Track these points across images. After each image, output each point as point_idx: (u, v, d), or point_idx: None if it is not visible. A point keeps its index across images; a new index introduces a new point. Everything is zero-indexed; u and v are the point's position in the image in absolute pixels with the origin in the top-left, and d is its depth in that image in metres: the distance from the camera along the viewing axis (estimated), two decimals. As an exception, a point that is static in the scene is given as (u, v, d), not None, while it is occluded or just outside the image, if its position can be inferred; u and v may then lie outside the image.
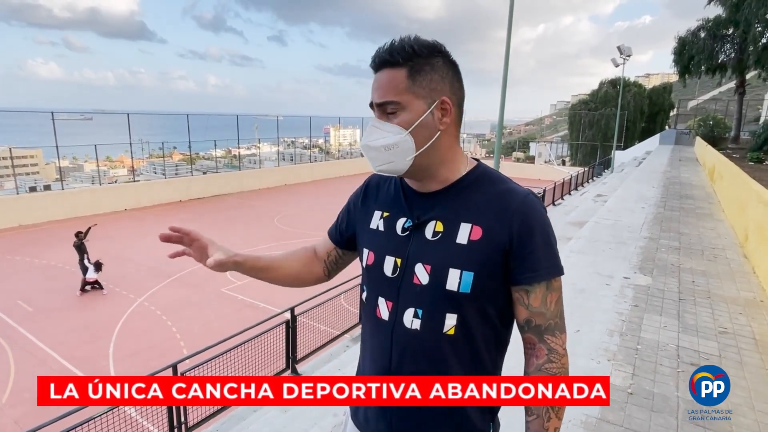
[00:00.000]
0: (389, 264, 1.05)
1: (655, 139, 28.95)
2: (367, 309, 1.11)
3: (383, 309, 1.05)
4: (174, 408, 4.67)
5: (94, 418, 3.95)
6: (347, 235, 1.22)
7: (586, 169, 25.99)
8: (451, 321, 0.98)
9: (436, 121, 0.98)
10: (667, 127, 35.84)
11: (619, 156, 27.97)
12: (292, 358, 5.99)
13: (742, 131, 23.48)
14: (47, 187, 20.74)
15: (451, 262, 0.97)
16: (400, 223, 1.06)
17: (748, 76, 22.92)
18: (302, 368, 6.11)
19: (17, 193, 18.80)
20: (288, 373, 5.98)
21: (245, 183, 26.50)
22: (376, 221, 1.11)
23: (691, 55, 21.77)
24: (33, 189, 20.30)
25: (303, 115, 36.20)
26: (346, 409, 1.26)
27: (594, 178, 25.27)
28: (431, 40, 0.99)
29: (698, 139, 21.35)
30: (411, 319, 1.01)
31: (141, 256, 13.85)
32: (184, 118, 24.42)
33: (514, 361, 1.18)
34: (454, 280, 0.96)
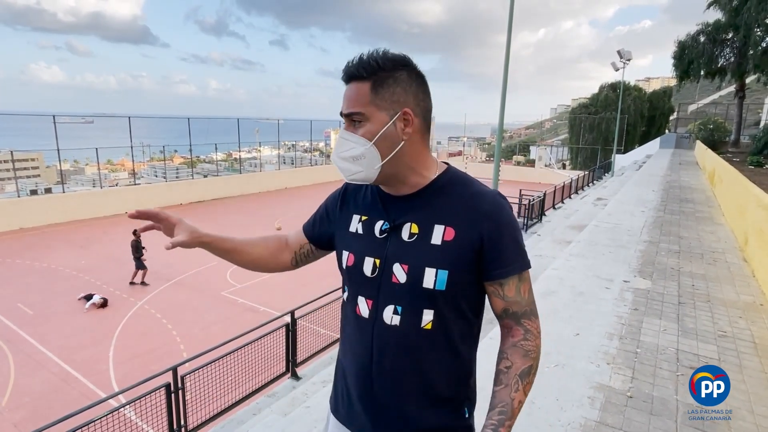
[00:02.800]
0: (368, 264, 1.10)
1: (656, 142, 28.98)
2: (348, 308, 1.17)
3: (363, 307, 1.11)
4: (174, 411, 4.67)
5: (93, 421, 3.95)
6: (323, 236, 1.28)
7: (586, 172, 26.00)
8: (428, 316, 1.05)
9: (399, 132, 1.04)
10: (667, 131, 35.89)
11: (619, 160, 27.99)
12: (292, 361, 5.99)
13: (742, 135, 23.50)
14: (48, 191, 20.81)
15: (427, 261, 1.03)
16: (378, 225, 1.12)
17: (747, 80, 22.97)
18: (302, 371, 6.11)
19: (18, 197, 18.84)
20: (288, 376, 5.98)
21: (246, 186, 26.53)
22: (355, 225, 1.17)
23: (691, 59, 21.83)
24: (34, 192, 20.35)
25: (304, 118, 36.22)
26: (327, 407, 1.31)
27: (594, 182, 25.29)
28: (398, 54, 1.05)
29: (698, 142, 21.38)
30: (391, 316, 1.07)
31: (141, 260, 13.84)
32: (185, 122, 24.49)
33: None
34: (430, 278, 1.03)
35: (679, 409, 2.76)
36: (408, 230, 1.07)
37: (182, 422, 4.78)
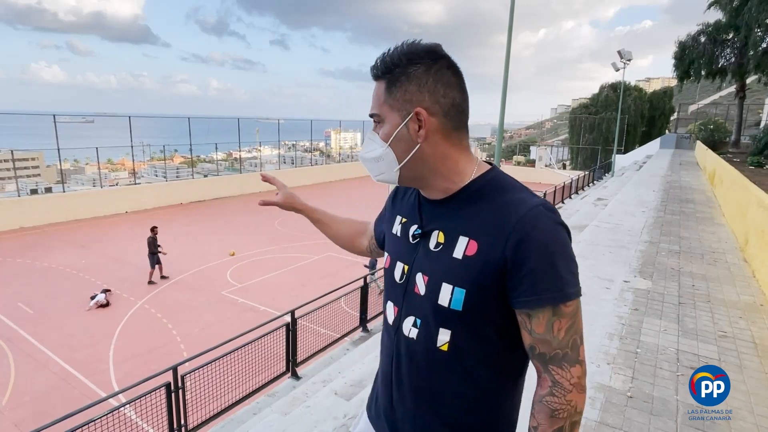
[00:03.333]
0: (398, 270, 1.06)
1: (656, 143, 28.98)
2: (384, 310, 1.14)
3: (390, 313, 1.08)
4: (174, 411, 4.67)
5: (94, 420, 3.95)
6: (380, 235, 1.28)
7: (586, 172, 26.01)
8: (444, 337, 0.95)
9: (412, 134, 0.94)
10: (667, 131, 35.90)
11: (619, 160, 27.99)
12: (292, 361, 5.99)
13: (743, 135, 23.49)
14: (48, 190, 20.83)
15: (445, 276, 0.94)
16: (412, 230, 1.05)
17: (748, 81, 22.97)
18: (302, 371, 6.11)
19: (18, 196, 18.85)
20: (288, 376, 5.98)
21: (246, 186, 26.53)
22: (397, 226, 1.13)
23: (692, 59, 21.84)
24: (34, 191, 20.36)
25: (304, 118, 36.23)
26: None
27: (594, 182, 25.30)
28: (425, 45, 0.95)
29: (698, 143, 21.38)
30: (410, 328, 1.01)
31: (142, 259, 13.83)
32: (186, 121, 24.49)
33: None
34: (445, 295, 0.93)
35: (679, 410, 2.76)
36: (435, 239, 0.99)
37: (182, 422, 4.78)
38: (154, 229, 12.45)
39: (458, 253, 0.93)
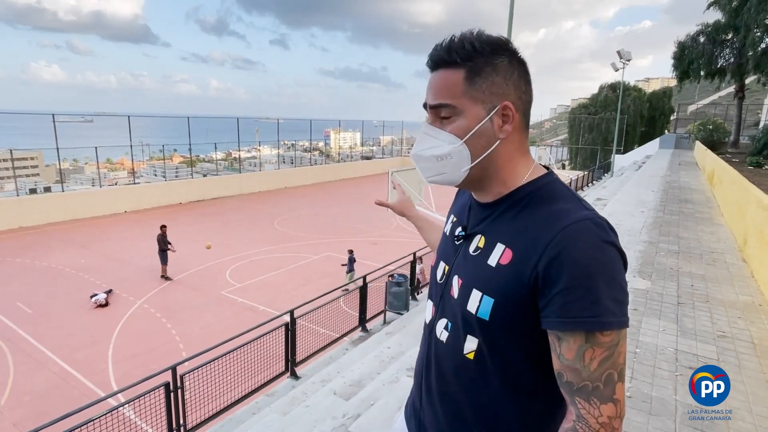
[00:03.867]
0: (440, 269, 1.04)
1: (655, 143, 29.00)
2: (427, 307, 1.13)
3: (429, 312, 1.07)
4: (173, 410, 4.67)
5: (92, 420, 3.94)
6: None
7: (585, 172, 26.02)
8: (471, 344, 0.91)
9: (496, 129, 0.89)
10: (666, 132, 35.93)
11: (618, 160, 28.01)
12: (291, 360, 5.99)
13: (742, 136, 23.52)
14: (47, 189, 20.81)
15: (476, 282, 0.90)
16: (457, 231, 1.03)
17: (747, 81, 23.00)
18: (301, 371, 6.11)
19: (17, 195, 18.82)
20: (287, 375, 5.98)
21: (245, 186, 26.52)
22: (448, 225, 1.12)
23: (691, 59, 21.86)
24: (33, 191, 20.34)
25: (303, 118, 36.27)
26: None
27: (594, 182, 25.30)
28: (497, 36, 0.89)
29: (698, 143, 21.39)
30: (442, 330, 0.99)
31: (141, 259, 13.85)
32: (185, 121, 24.48)
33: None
34: (474, 302, 0.89)
35: (678, 410, 2.76)
36: (476, 243, 0.95)
37: (181, 421, 4.78)
38: (163, 228, 12.59)
39: (493, 260, 0.88)
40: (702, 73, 22.25)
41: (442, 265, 1.04)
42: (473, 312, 0.89)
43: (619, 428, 0.79)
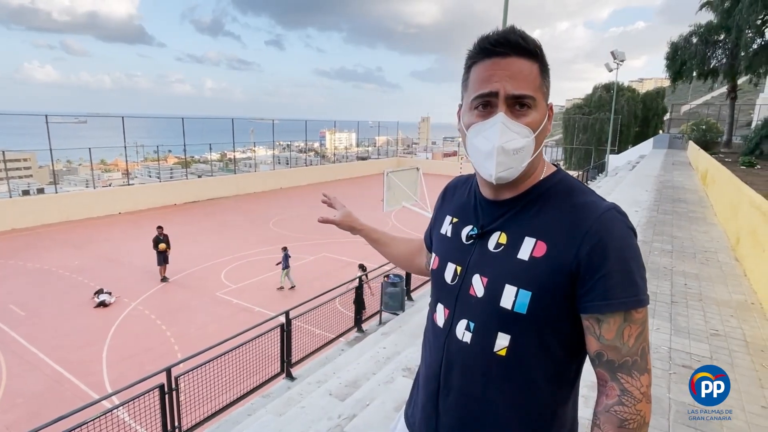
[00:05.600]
0: (450, 271, 1.02)
1: (649, 143, 29.17)
2: (429, 312, 1.10)
3: (440, 315, 1.03)
4: (168, 412, 4.65)
5: (86, 423, 3.92)
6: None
7: (580, 172, 26.14)
8: (502, 341, 0.91)
9: (548, 127, 0.93)
10: (660, 132, 36.14)
11: (613, 160, 28.15)
12: (287, 361, 5.98)
13: (734, 135, 23.70)
14: (41, 191, 20.66)
15: (508, 277, 0.90)
16: (466, 230, 1.02)
17: (739, 81, 23.19)
18: (297, 372, 6.10)
19: (10, 197, 18.68)
20: (283, 376, 5.97)
21: (240, 186, 26.45)
22: (446, 226, 1.09)
23: (684, 60, 22.02)
24: (26, 192, 20.19)
25: (299, 118, 36.19)
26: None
27: (588, 182, 25.40)
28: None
29: (691, 143, 21.55)
30: (463, 331, 0.96)
31: (135, 260, 13.78)
32: (180, 122, 24.38)
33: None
34: (509, 297, 0.89)
35: (671, 408, 2.78)
36: (496, 239, 0.95)
37: (176, 423, 4.76)
38: (159, 228, 12.58)
39: (524, 254, 0.90)
40: (695, 73, 22.42)
41: (451, 266, 1.02)
42: (509, 307, 0.89)
43: (651, 394, 0.86)
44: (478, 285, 0.94)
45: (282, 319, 6.02)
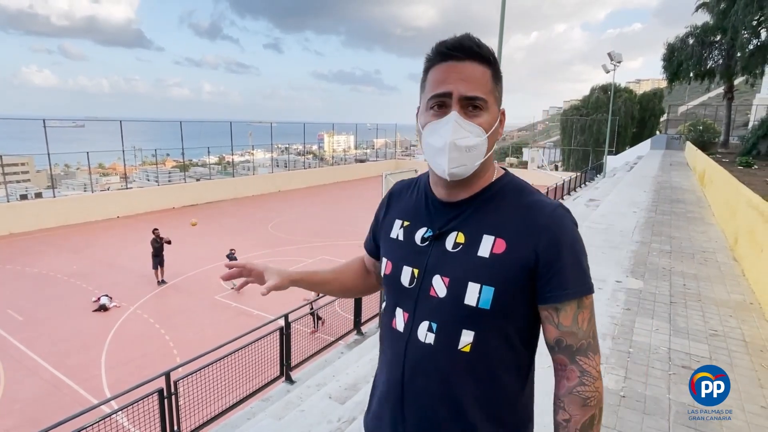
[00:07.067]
0: (406, 274, 1.02)
1: (646, 144, 29.24)
2: (385, 319, 1.08)
3: (399, 320, 1.03)
4: (167, 417, 4.63)
5: (85, 428, 3.91)
6: (379, 246, 1.19)
7: (578, 174, 26.18)
8: (467, 338, 0.94)
9: (499, 130, 0.98)
10: (657, 132, 36.24)
11: (610, 161, 28.20)
12: (286, 365, 5.97)
13: (731, 136, 23.79)
14: (38, 195, 20.58)
15: (471, 275, 0.93)
16: (420, 232, 1.02)
17: (736, 82, 23.28)
18: (296, 375, 6.08)
19: (8, 201, 18.63)
20: (282, 380, 5.95)
21: (239, 190, 26.42)
22: (396, 230, 1.08)
23: (680, 61, 22.10)
24: (24, 197, 20.13)
25: (297, 121, 36.22)
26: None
27: (586, 183, 25.46)
28: None
29: (688, 143, 21.61)
30: (425, 333, 0.97)
31: (134, 264, 13.75)
32: (178, 125, 24.37)
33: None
34: (473, 294, 0.92)
35: (671, 408, 2.78)
36: (453, 239, 0.97)
37: (176, 427, 4.74)
38: (155, 231, 12.58)
39: (484, 251, 0.93)
40: (691, 74, 22.50)
41: (407, 269, 1.01)
42: (473, 304, 0.92)
43: (601, 370, 0.95)
44: (438, 285, 0.96)
45: (281, 322, 6.01)
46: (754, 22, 18.13)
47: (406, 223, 1.07)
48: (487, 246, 0.93)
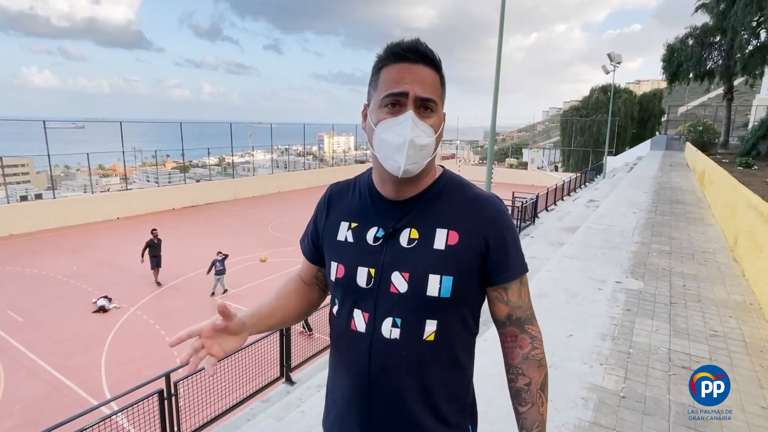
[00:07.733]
0: (362, 275, 1.02)
1: (646, 144, 29.27)
2: (340, 323, 1.06)
3: (359, 321, 1.02)
4: (167, 418, 4.63)
5: (85, 429, 3.90)
6: (322, 254, 1.15)
7: (578, 174, 26.18)
8: (431, 327, 0.99)
9: (443, 132, 1.04)
10: (657, 133, 36.27)
11: (610, 162, 28.22)
12: (286, 366, 5.96)
13: (731, 136, 23.81)
14: (38, 196, 20.58)
15: (431, 267, 0.97)
16: (372, 232, 1.03)
17: (735, 83, 23.29)
18: (297, 376, 6.08)
19: (8, 202, 18.63)
20: (282, 381, 5.95)
21: (239, 191, 26.43)
22: (344, 232, 1.08)
23: (680, 61, 22.12)
24: (24, 198, 20.13)
25: (297, 122, 36.25)
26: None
27: (586, 184, 25.45)
28: None
29: (688, 144, 21.63)
30: (389, 329, 0.99)
31: (134, 265, 13.72)
32: (178, 126, 24.38)
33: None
34: (434, 285, 0.97)
35: (671, 409, 2.78)
36: (407, 236, 1.01)
37: (176, 429, 4.74)
38: (153, 231, 12.58)
39: (439, 244, 0.99)
40: (691, 75, 22.53)
41: (363, 270, 1.01)
42: (435, 295, 0.97)
43: None
44: (398, 281, 0.99)
45: (281, 323, 6.00)
46: (754, 23, 18.14)
47: (353, 225, 1.07)
48: (441, 239, 1.00)
